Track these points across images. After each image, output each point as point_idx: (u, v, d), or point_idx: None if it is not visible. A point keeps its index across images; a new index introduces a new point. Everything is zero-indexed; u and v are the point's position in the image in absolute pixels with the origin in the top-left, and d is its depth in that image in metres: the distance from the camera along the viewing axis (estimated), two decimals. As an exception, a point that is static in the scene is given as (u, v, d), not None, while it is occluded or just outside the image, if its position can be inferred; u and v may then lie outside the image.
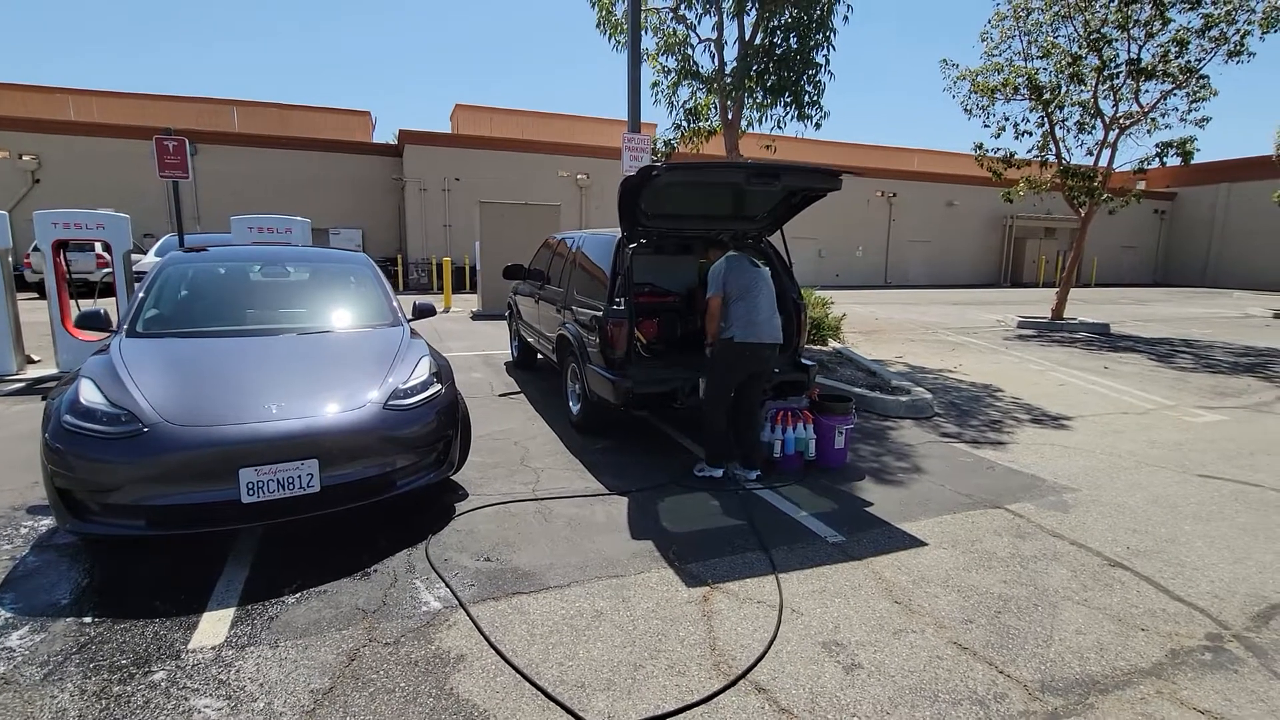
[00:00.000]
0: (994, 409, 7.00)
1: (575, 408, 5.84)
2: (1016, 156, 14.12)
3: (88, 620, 2.84)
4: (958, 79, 13.96)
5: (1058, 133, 13.69)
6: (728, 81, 9.92)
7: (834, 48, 9.58)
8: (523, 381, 7.76)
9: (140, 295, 4.47)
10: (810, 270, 27.19)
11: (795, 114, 9.88)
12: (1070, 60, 12.84)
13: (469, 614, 2.92)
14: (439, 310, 14.89)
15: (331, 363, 4.06)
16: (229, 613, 2.91)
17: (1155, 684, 2.57)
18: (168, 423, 3.18)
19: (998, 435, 6.01)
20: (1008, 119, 13.83)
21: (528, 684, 2.48)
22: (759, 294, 4.60)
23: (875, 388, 7.30)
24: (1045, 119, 13.56)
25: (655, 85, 10.93)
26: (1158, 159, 13.04)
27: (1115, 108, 13.25)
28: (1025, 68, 13.30)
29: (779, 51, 9.67)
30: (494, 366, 8.67)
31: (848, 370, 8.25)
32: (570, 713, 2.34)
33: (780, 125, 10.22)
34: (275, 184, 22.28)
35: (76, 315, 5.14)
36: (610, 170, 22.50)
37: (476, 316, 14.27)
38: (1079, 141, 13.91)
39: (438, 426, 3.83)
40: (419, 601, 3.04)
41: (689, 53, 10.50)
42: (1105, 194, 13.63)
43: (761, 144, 11.35)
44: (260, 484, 3.17)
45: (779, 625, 2.89)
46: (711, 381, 4.71)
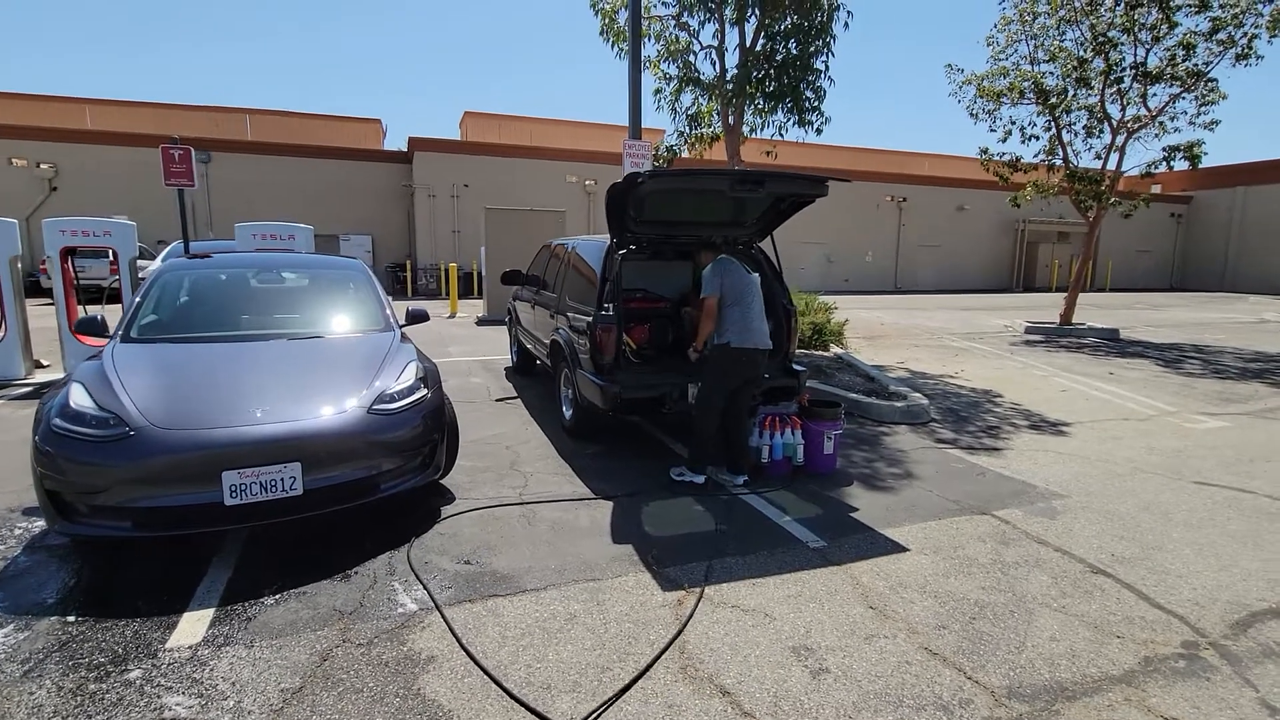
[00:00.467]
0: (992, 415, 6.95)
1: (568, 412, 5.87)
2: (1023, 161, 14.03)
3: (71, 619, 2.90)
4: (963, 83, 13.93)
5: (1064, 136, 13.61)
6: (728, 88, 9.95)
7: (834, 54, 9.64)
8: (521, 387, 7.80)
9: (136, 301, 4.57)
10: (819, 275, 27.08)
11: (795, 119, 9.90)
12: (1076, 64, 12.76)
13: (443, 615, 2.96)
14: (446, 315, 15.19)
15: (319, 367, 4.12)
16: (208, 613, 2.96)
17: (1124, 691, 2.55)
18: (153, 426, 3.25)
19: (993, 441, 5.96)
20: (1014, 123, 13.79)
21: (495, 685, 2.51)
22: (753, 299, 4.63)
23: (872, 393, 7.28)
24: (1052, 123, 13.48)
25: (658, 92, 10.99)
26: (1165, 163, 12.94)
27: (1123, 111, 13.17)
28: (1031, 72, 13.23)
29: (779, 58, 9.71)
30: (493, 371, 8.73)
31: (847, 375, 8.23)
32: (534, 713, 2.37)
33: (781, 131, 10.25)
34: (287, 191, 22.54)
35: (76, 320, 5.25)
36: (617, 176, 22.49)
37: (481, 322, 14.36)
38: (1087, 145, 13.81)
39: (423, 430, 3.87)
40: (396, 603, 3.07)
41: (690, 59, 10.56)
42: (1113, 198, 13.51)
43: (764, 149, 11.38)
44: (243, 487, 3.23)
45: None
46: (706, 386, 4.72)
